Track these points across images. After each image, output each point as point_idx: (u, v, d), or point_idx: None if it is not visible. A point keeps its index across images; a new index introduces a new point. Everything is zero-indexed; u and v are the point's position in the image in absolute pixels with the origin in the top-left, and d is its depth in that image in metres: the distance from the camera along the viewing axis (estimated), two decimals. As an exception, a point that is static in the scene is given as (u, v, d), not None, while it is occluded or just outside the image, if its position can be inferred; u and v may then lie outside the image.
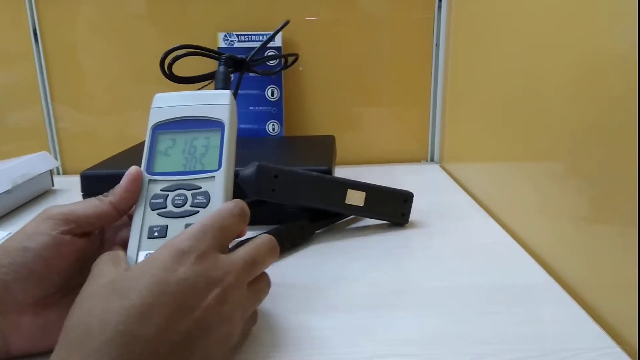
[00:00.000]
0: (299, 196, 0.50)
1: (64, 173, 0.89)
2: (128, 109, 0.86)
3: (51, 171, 0.74)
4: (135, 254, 0.32)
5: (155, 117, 0.37)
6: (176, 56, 0.53)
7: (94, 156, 0.66)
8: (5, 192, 0.62)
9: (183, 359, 0.27)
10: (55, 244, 0.31)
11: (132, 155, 0.67)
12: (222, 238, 0.31)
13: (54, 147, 0.87)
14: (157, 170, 0.35)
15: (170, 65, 0.53)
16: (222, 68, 0.53)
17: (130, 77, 0.85)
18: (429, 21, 0.82)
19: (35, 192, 0.71)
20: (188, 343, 0.27)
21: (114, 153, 0.69)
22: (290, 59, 0.74)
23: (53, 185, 0.75)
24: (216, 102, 0.37)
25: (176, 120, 0.36)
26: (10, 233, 0.56)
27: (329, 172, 0.56)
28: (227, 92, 0.38)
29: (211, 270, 0.29)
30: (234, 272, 0.30)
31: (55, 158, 0.86)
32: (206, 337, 0.28)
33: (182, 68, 0.54)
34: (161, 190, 0.34)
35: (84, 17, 0.82)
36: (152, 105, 0.37)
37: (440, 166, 0.85)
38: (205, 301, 0.28)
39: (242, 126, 0.82)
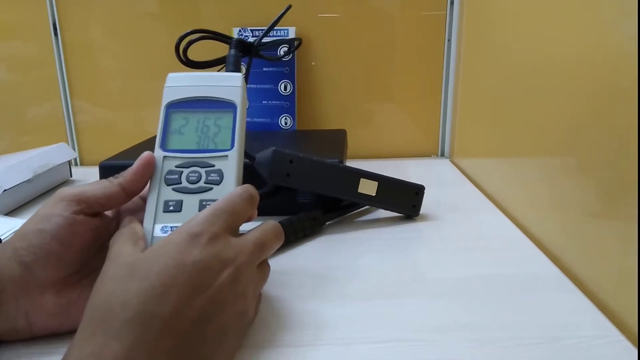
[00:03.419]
0: (312, 182, 0.51)
1: (82, 164, 0.91)
2: (142, 104, 0.88)
3: (69, 162, 0.76)
4: (152, 227, 0.33)
5: (168, 96, 0.38)
6: (190, 41, 0.54)
7: (110, 148, 0.68)
8: (26, 181, 0.64)
9: (200, 334, 0.28)
10: (68, 224, 0.32)
11: (149, 147, 0.68)
12: (233, 221, 0.32)
13: (72, 140, 0.89)
14: (171, 147, 0.36)
15: (185, 50, 0.54)
16: (232, 51, 0.54)
17: (144, 73, 0.86)
18: (441, 17, 0.83)
19: (54, 182, 0.73)
20: (204, 319, 0.28)
21: (129, 146, 0.70)
22: (296, 44, 0.75)
23: (71, 176, 0.77)
24: (228, 84, 0.38)
25: (189, 100, 0.38)
26: (30, 221, 0.58)
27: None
28: (239, 74, 0.39)
29: (223, 251, 0.30)
30: (245, 253, 0.31)
31: (73, 150, 0.88)
32: (221, 313, 0.29)
33: (193, 54, 0.56)
34: (176, 167, 0.35)
35: (101, 14, 0.84)
36: (166, 85, 0.38)
37: (451, 161, 0.85)
38: (219, 280, 0.29)
39: (255, 120, 0.84)
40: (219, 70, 0.57)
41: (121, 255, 0.30)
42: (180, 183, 0.35)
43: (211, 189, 0.35)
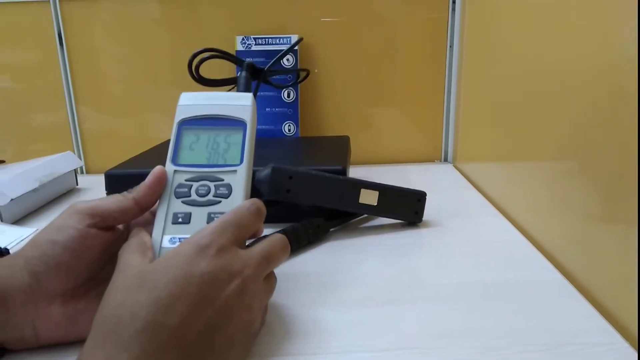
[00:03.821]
0: (313, 196, 0.51)
1: (87, 172, 0.91)
2: (145, 111, 0.88)
3: (75, 170, 0.77)
4: (160, 238, 0.34)
5: (181, 114, 0.39)
6: (202, 59, 0.55)
7: (114, 156, 0.69)
8: (32, 190, 0.64)
9: (207, 345, 0.28)
10: (81, 236, 0.33)
11: (154, 155, 0.69)
12: (240, 234, 0.33)
13: (78, 148, 0.90)
14: (182, 162, 0.37)
15: (197, 67, 0.55)
16: (244, 73, 0.55)
17: (148, 79, 0.87)
18: (443, 22, 0.83)
19: (61, 191, 0.74)
20: (211, 330, 0.29)
21: (134, 153, 0.71)
22: (303, 74, 0.76)
23: (77, 184, 0.78)
24: (239, 103, 0.39)
25: (201, 118, 0.39)
26: (37, 230, 0.58)
27: (344, 171, 0.57)
28: (250, 94, 0.40)
29: (231, 263, 0.30)
30: (253, 266, 0.31)
31: (79, 158, 0.89)
32: (228, 325, 0.29)
33: (201, 71, 0.56)
34: (186, 181, 0.36)
35: (104, 21, 0.85)
36: (179, 103, 0.39)
37: (454, 166, 0.86)
38: (226, 291, 0.29)
39: (258, 127, 0.84)
40: (229, 90, 0.58)
41: (130, 265, 0.30)
42: (190, 196, 0.36)
43: (219, 202, 0.35)
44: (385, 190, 0.53)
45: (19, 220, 0.63)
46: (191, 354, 0.28)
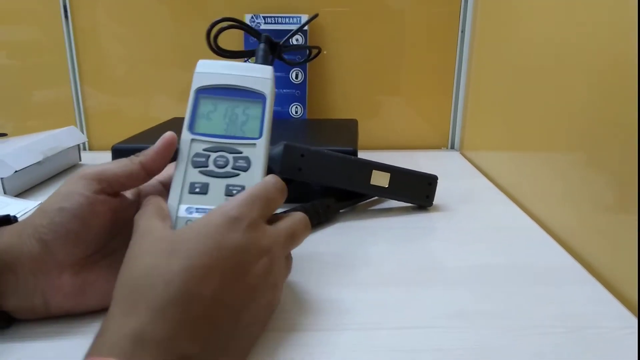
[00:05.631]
0: (325, 176, 0.51)
1: (90, 149, 0.90)
2: (148, 91, 0.87)
3: (79, 146, 0.76)
4: (176, 206, 0.33)
5: (198, 81, 0.38)
6: (220, 28, 0.54)
7: (117, 134, 0.67)
8: (36, 163, 0.63)
9: (234, 321, 0.28)
10: (89, 203, 0.32)
11: (161, 131, 0.66)
12: (267, 209, 0.32)
13: (81, 124, 0.88)
14: (199, 130, 0.36)
15: (215, 38, 0.54)
16: (262, 45, 0.54)
17: (151, 59, 0.85)
18: (455, 12, 0.82)
19: (64, 166, 0.73)
20: (239, 306, 0.28)
21: (137, 132, 0.69)
22: (314, 52, 0.75)
23: (80, 160, 0.77)
24: (259, 75, 0.38)
25: (219, 87, 0.38)
26: (40, 203, 0.57)
27: (355, 152, 0.56)
28: (270, 67, 0.39)
29: (261, 239, 0.30)
30: (280, 243, 0.31)
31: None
32: (253, 301, 0.29)
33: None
34: (203, 150, 0.35)
35: (109, 1, 0.83)
36: (196, 70, 0.38)
37: (461, 153, 0.85)
38: (255, 268, 0.29)
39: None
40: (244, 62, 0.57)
41: (151, 230, 0.29)
42: (207, 166, 0.35)
43: (238, 174, 0.34)
44: (396, 173, 0.53)
45: (21, 194, 0.62)
46: (220, 328, 0.27)
